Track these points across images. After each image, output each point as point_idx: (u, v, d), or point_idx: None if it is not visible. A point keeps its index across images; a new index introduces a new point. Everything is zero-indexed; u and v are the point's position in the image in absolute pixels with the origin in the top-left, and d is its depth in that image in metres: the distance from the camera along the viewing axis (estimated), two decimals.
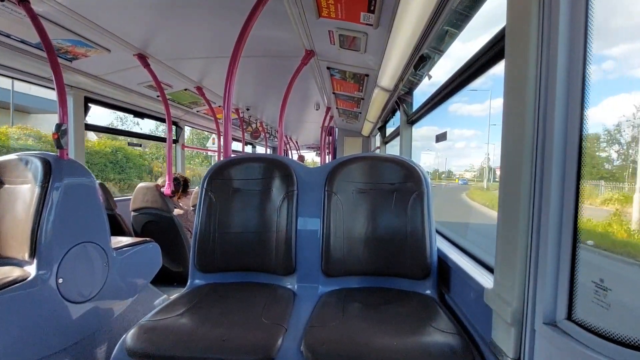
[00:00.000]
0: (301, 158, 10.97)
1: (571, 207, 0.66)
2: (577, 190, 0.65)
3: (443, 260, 1.39)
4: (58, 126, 1.66)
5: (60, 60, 2.00)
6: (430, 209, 1.42)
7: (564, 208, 0.67)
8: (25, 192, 1.54)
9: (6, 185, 1.60)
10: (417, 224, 1.40)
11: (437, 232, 1.58)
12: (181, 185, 3.21)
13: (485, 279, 1.03)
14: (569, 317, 0.66)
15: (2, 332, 1.29)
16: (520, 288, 0.74)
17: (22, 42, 2.01)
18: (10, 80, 3.54)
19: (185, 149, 4.49)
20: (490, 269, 1.13)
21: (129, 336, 1.01)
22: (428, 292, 1.36)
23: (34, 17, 1.63)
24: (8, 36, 1.94)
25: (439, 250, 1.43)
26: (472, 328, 1.08)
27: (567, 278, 0.66)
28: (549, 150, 0.68)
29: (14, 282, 1.36)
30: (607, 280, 0.59)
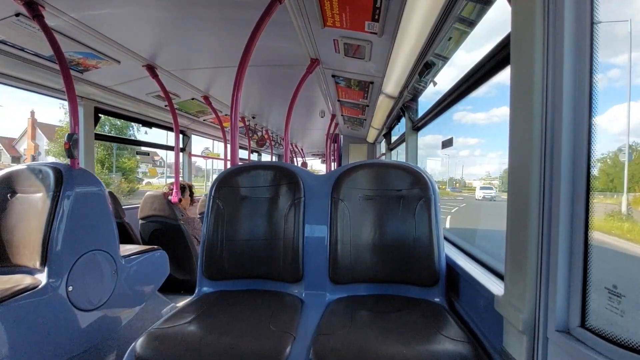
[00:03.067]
0: (304, 165, 10.98)
1: (582, 212, 0.65)
2: (587, 195, 0.65)
3: (451, 267, 1.37)
4: (69, 136, 1.70)
5: (71, 72, 2.05)
6: (438, 216, 1.41)
7: (574, 213, 0.66)
8: (37, 201, 1.57)
9: (19, 195, 1.63)
10: (424, 231, 1.39)
11: (445, 238, 1.57)
12: (187, 193, 3.23)
13: (495, 286, 1.01)
14: (583, 324, 0.65)
15: (13, 340, 1.30)
16: (531, 295, 0.73)
17: (36, 55, 2.08)
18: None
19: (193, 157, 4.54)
20: (499, 276, 1.11)
21: (138, 344, 1.02)
22: (437, 299, 1.35)
23: (47, 31, 1.68)
24: (22, 49, 2.00)
25: (447, 257, 1.42)
26: (483, 336, 1.06)
27: (580, 284, 0.65)
28: (557, 156, 0.68)
29: (25, 289, 1.38)
30: (620, 286, 0.58)
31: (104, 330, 1.70)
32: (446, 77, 2.03)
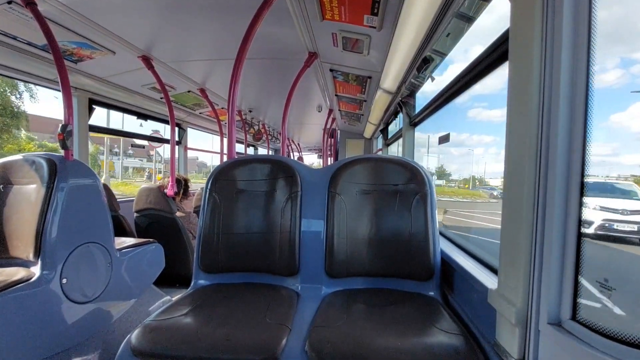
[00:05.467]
0: (300, 159, 10.97)
1: (575, 208, 0.66)
2: (581, 191, 0.65)
3: (446, 261, 1.39)
4: (63, 127, 1.68)
5: (65, 62, 2.02)
6: (434, 211, 1.42)
7: (567, 208, 0.67)
8: (31, 192, 1.55)
9: (12, 186, 1.61)
10: (420, 226, 1.40)
11: (440, 233, 1.59)
12: (182, 187, 3.22)
13: (488, 280, 1.03)
14: (574, 317, 0.66)
15: (7, 332, 1.30)
16: (524, 288, 0.74)
17: (29, 44, 2.03)
18: None
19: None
20: (493, 270, 1.13)
21: (134, 336, 1.02)
22: (431, 293, 1.36)
23: (41, 19, 1.64)
24: (15, 38, 1.96)
25: (442, 251, 1.43)
26: (476, 329, 1.08)
27: (572, 278, 0.66)
28: (552, 152, 0.69)
29: (19, 282, 1.37)
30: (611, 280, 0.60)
31: (98, 322, 1.69)
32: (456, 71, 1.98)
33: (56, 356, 1.46)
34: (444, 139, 1.92)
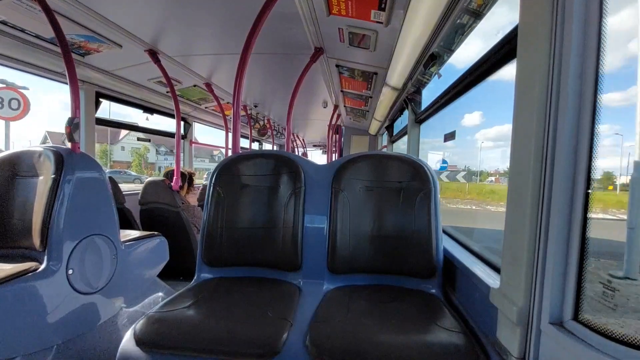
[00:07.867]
0: (305, 155, 10.95)
1: (579, 206, 0.65)
2: (587, 190, 0.65)
3: (449, 259, 1.38)
4: (70, 120, 1.69)
5: (73, 55, 2.03)
6: (437, 208, 1.42)
7: (572, 207, 0.66)
8: (38, 184, 1.57)
9: (20, 177, 1.64)
10: (423, 223, 1.40)
11: (443, 231, 1.58)
12: (187, 181, 3.24)
13: (491, 279, 1.02)
14: (576, 317, 0.66)
15: (13, 321, 1.32)
16: (526, 287, 0.74)
17: (37, 36, 2.05)
18: None
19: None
20: (496, 269, 1.12)
21: (138, 326, 1.04)
22: (433, 290, 1.36)
23: (49, 12, 1.66)
24: (23, 31, 1.97)
25: (445, 249, 1.43)
26: (477, 327, 1.07)
27: (574, 278, 0.66)
28: (559, 150, 0.68)
29: (26, 272, 1.39)
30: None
31: (103, 313, 1.72)
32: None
33: (61, 345, 1.49)
34: (450, 137, 1.90)
